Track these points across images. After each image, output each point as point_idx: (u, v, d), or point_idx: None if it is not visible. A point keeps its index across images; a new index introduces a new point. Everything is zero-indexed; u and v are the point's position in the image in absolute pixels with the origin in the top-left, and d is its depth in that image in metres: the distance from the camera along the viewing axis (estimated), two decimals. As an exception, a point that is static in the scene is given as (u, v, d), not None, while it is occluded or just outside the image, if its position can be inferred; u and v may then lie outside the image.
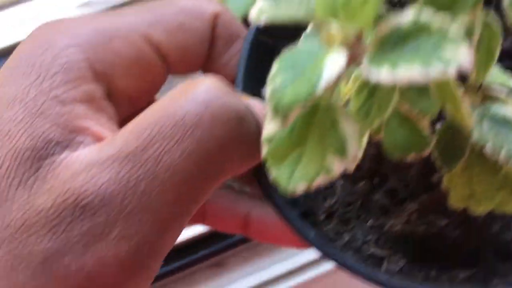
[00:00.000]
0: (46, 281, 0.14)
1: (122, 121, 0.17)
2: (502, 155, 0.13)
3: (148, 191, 0.14)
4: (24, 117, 0.15)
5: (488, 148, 0.13)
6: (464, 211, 0.18)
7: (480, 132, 0.13)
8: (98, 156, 0.15)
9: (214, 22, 0.19)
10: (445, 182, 0.16)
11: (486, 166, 0.15)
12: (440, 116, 0.15)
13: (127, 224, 0.14)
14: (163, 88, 0.19)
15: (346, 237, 0.20)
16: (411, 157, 0.16)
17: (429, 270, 0.19)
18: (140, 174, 0.14)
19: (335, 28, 0.11)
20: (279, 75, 0.12)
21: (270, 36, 0.20)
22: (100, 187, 0.14)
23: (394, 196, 0.19)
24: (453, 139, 0.15)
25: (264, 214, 0.21)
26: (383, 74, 0.11)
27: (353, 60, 0.11)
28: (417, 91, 0.13)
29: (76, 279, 0.14)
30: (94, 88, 0.16)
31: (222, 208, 0.21)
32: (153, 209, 0.14)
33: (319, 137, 0.12)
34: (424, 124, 0.14)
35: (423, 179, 0.19)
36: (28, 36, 0.17)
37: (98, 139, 0.16)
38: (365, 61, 0.11)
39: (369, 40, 0.11)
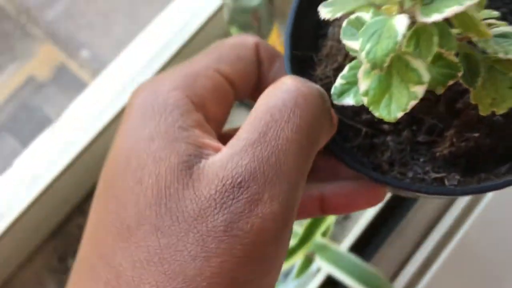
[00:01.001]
0: (229, 242, 0.18)
1: (219, 138, 0.22)
2: (509, 57, 0.20)
3: (278, 161, 0.19)
4: (166, 145, 0.20)
5: (501, 55, 0.20)
6: (488, 122, 0.25)
7: (491, 46, 0.20)
8: (233, 150, 0.20)
9: (257, 49, 0.24)
10: (472, 99, 0.23)
11: (498, 75, 0.22)
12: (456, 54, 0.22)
13: (272, 188, 0.19)
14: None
15: (410, 174, 0.25)
16: (446, 86, 0.22)
17: (479, 174, 0.25)
18: (269, 150, 0.19)
19: (390, 3, 0.17)
20: (366, 43, 0.17)
21: (300, 50, 0.26)
22: (245, 167, 0.19)
23: (433, 131, 0.25)
24: (471, 62, 0.21)
25: (337, 189, 0.26)
26: (435, 17, 0.17)
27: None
28: (446, 36, 0.19)
29: (249, 236, 0.18)
30: (199, 116, 0.22)
31: (304, 198, 0.26)
32: (285, 173, 0.19)
33: (401, 77, 0.18)
34: (453, 57, 0.20)
35: (450, 109, 0.25)
36: (132, 95, 0.22)
37: (216, 149, 0.21)
38: (418, 14, 0.17)
39: (415, 4, 0.17)
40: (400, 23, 0.17)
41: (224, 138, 0.22)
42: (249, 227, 0.18)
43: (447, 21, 0.20)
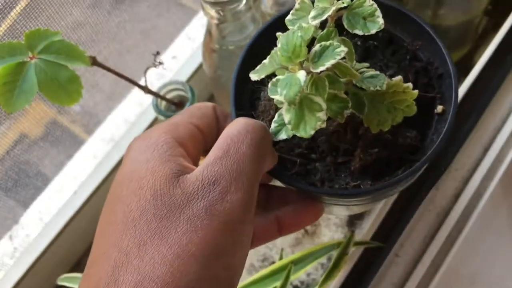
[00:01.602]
0: (209, 220, 0.26)
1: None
2: (375, 87, 0.30)
3: (238, 167, 0.28)
4: (159, 164, 0.28)
5: (372, 88, 0.30)
6: (382, 140, 0.35)
7: (366, 84, 0.30)
8: (206, 163, 0.28)
9: (214, 110, 0.34)
10: (364, 123, 0.33)
11: (377, 103, 0.32)
12: (346, 93, 0.32)
13: (236, 183, 0.27)
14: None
15: (337, 186, 0.35)
16: (343, 115, 0.32)
17: (384, 178, 0.34)
18: (231, 160, 0.28)
19: (293, 65, 0.28)
20: (283, 89, 0.27)
21: (242, 110, 0.36)
22: (217, 171, 0.28)
23: (347, 153, 0.35)
24: (358, 97, 0.32)
25: (288, 210, 0.35)
26: (320, 68, 0.27)
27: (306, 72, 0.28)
28: (335, 82, 0.30)
29: (223, 215, 0.27)
30: (181, 151, 0.30)
31: (264, 224, 0.35)
32: (244, 174, 0.28)
33: (308, 108, 0.28)
34: (343, 95, 0.31)
35: (355, 135, 0.35)
36: (129, 145, 0.31)
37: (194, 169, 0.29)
38: (311, 68, 0.27)
39: (309, 63, 0.28)
40: (301, 75, 0.27)
41: None
42: (222, 209, 0.27)
43: (334, 72, 0.30)
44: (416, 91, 0.32)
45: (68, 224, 0.61)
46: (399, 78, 0.32)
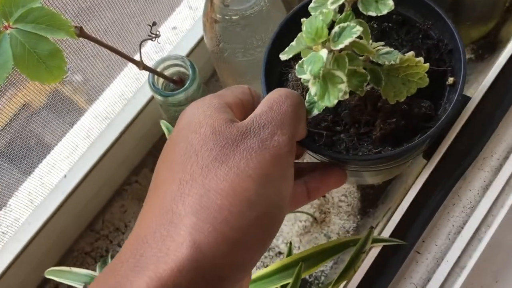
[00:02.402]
0: (261, 152, 0.30)
1: None
2: (390, 62, 0.35)
3: (281, 118, 0.32)
4: (216, 112, 0.32)
5: (386, 62, 0.34)
6: (399, 110, 0.39)
7: (381, 59, 0.35)
8: (253, 115, 0.32)
9: (250, 90, 0.38)
10: (382, 95, 0.37)
11: (392, 77, 0.36)
12: (365, 69, 0.36)
13: (281, 129, 0.32)
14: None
15: (360, 154, 0.39)
16: (363, 88, 0.36)
17: (403, 145, 0.39)
18: (275, 113, 0.32)
19: (316, 45, 0.32)
20: (308, 66, 0.32)
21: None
22: (265, 119, 0.32)
23: (369, 124, 0.40)
24: (375, 72, 0.36)
25: (314, 176, 0.40)
26: (339, 46, 0.32)
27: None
28: (354, 59, 0.34)
29: (273, 149, 0.30)
30: (229, 110, 0.34)
31: (294, 190, 0.39)
32: (287, 123, 0.32)
33: (331, 82, 0.32)
34: (362, 70, 0.35)
35: (375, 108, 0.39)
36: (183, 111, 0.35)
37: None
38: (332, 46, 0.32)
39: (330, 43, 0.32)
40: (323, 53, 0.32)
41: None
42: (272, 145, 0.31)
43: (353, 50, 0.35)
44: (427, 64, 0.36)
45: (59, 208, 0.62)
46: (411, 53, 0.37)
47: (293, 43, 0.36)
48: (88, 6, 0.60)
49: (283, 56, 0.35)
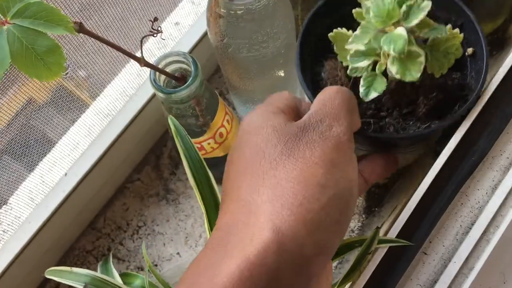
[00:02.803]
0: (323, 142, 0.32)
1: None
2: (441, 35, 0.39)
3: (336, 113, 0.34)
4: (274, 115, 0.35)
5: (433, 36, 0.39)
6: (436, 85, 0.42)
7: (430, 34, 0.38)
8: (309, 113, 0.35)
9: (293, 96, 0.40)
10: (428, 70, 0.41)
11: (435, 52, 0.40)
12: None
13: (338, 121, 0.34)
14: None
15: (411, 131, 0.42)
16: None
17: (446, 116, 0.42)
18: (330, 108, 0.34)
19: (389, 26, 0.36)
20: (389, 45, 0.35)
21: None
22: (321, 115, 0.34)
23: (411, 103, 0.43)
24: (421, 48, 0.40)
25: (367, 163, 0.44)
26: (413, 23, 0.35)
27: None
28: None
29: (333, 139, 0.32)
30: (283, 114, 0.36)
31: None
32: (342, 117, 0.34)
33: (410, 58, 0.36)
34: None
35: (413, 88, 0.42)
36: (241, 123, 0.37)
37: None
38: (404, 24, 0.36)
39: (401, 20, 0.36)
40: (402, 30, 0.35)
41: None
42: (331, 134, 0.33)
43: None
44: (461, 34, 0.39)
45: (61, 206, 0.61)
46: (449, 26, 0.40)
47: (357, 33, 0.38)
48: (89, 2, 0.60)
49: (351, 46, 0.38)
